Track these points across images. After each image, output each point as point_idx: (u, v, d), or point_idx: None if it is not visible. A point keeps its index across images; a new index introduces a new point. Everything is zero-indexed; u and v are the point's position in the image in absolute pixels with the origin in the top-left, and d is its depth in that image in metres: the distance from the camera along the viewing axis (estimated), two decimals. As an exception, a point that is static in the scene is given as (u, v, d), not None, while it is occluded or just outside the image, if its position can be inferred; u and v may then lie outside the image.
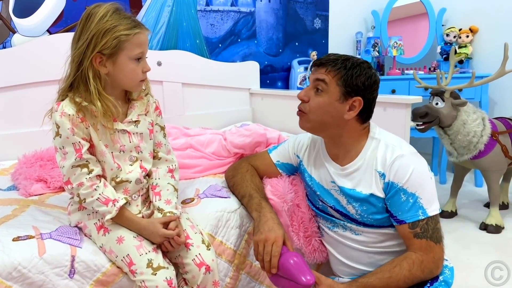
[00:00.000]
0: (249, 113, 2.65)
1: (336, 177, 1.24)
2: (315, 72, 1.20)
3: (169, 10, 2.29)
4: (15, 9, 1.83)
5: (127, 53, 1.03)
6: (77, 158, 1.04)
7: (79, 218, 1.12)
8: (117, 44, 1.01)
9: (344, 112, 1.16)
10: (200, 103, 2.44)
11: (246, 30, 2.63)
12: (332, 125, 1.18)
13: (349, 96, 1.16)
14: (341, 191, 1.23)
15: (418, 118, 2.11)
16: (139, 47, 1.04)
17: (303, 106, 1.19)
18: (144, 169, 1.16)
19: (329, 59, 1.18)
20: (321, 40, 3.06)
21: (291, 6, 2.84)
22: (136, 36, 1.03)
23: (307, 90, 1.20)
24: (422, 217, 1.10)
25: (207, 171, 1.58)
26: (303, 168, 1.37)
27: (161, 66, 2.23)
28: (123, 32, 1.01)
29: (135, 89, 1.11)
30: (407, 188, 1.11)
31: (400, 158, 1.14)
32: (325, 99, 1.16)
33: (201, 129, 1.88)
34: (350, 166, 1.22)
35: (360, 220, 1.21)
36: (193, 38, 2.41)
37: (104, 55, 1.02)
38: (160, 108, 1.24)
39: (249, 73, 2.63)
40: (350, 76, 1.15)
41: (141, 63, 1.07)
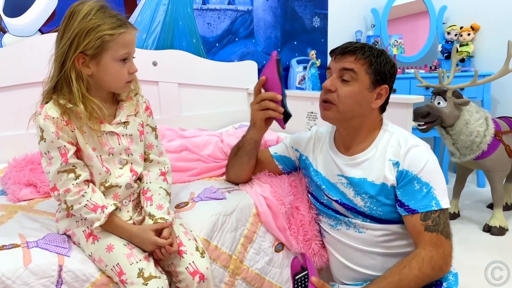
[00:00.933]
0: (247, 113, 2.56)
1: (344, 168, 1.22)
2: (339, 61, 1.17)
3: (164, 9, 2.24)
4: (6, 8, 1.78)
5: (111, 54, 0.99)
6: (63, 163, 0.99)
7: (67, 225, 1.07)
8: (100, 44, 0.96)
9: (372, 101, 1.16)
10: (197, 103, 2.39)
11: (243, 29, 2.58)
12: (359, 115, 1.17)
13: (378, 85, 1.15)
14: (349, 182, 1.21)
15: (420, 118, 2.07)
16: (124, 47, 1.00)
17: (331, 96, 1.16)
18: (135, 172, 1.11)
19: (356, 47, 1.15)
20: (320, 38, 3.01)
21: (289, 4, 2.79)
22: (121, 36, 0.98)
23: (333, 80, 1.17)
24: (436, 208, 1.08)
25: (203, 174, 1.53)
26: (308, 162, 1.35)
27: (157, 66, 2.19)
28: (107, 31, 0.96)
29: (121, 90, 1.07)
30: (421, 177, 1.10)
31: (415, 147, 1.13)
32: (355, 88, 1.14)
33: (197, 131, 1.84)
34: (361, 156, 1.20)
35: (367, 212, 1.19)
36: (189, 37, 2.36)
37: (87, 56, 0.98)
38: (150, 108, 1.19)
39: (247, 73, 2.58)
40: (379, 64, 1.14)
41: (128, 64, 1.03)
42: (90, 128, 1.02)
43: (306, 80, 2.73)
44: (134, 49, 1.04)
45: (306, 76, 2.74)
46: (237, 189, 1.39)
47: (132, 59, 1.04)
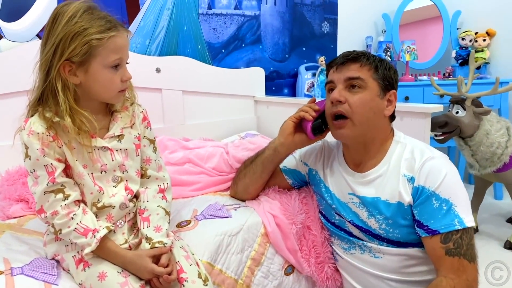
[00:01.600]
0: (253, 121, 2.50)
1: (355, 186, 1.11)
2: (342, 71, 1.08)
3: (168, 14, 2.16)
4: (2, 13, 1.70)
5: (101, 60, 0.89)
6: (50, 182, 0.89)
7: (55, 249, 0.97)
8: (88, 50, 0.86)
9: (384, 108, 1.08)
10: (201, 111, 2.29)
11: (250, 35, 2.49)
12: (374, 124, 1.07)
13: (387, 90, 1.08)
14: (361, 202, 1.10)
15: (437, 128, 1.95)
16: (115, 52, 0.89)
17: (342, 107, 1.05)
18: (130, 190, 1.01)
19: (358, 54, 1.07)
20: (329, 44, 2.91)
21: (298, 9, 2.70)
22: (111, 40, 0.88)
23: (340, 91, 1.07)
24: (459, 227, 0.96)
25: (207, 188, 1.43)
26: (318, 178, 1.24)
27: (160, 73, 2.10)
28: (95, 35, 0.86)
29: (113, 100, 0.97)
30: (439, 193, 0.98)
31: (431, 160, 1.02)
32: (366, 95, 1.05)
33: (201, 141, 1.74)
34: (372, 172, 1.10)
35: (383, 235, 1.07)
36: (194, 43, 2.27)
37: (74, 63, 0.88)
38: (148, 119, 1.09)
39: (254, 80, 2.48)
40: (384, 68, 1.07)
41: (120, 71, 0.92)
42: (79, 144, 0.93)
43: (315, 87, 2.63)
44: (127, 54, 0.94)
45: (315, 83, 2.63)
46: (243, 206, 1.29)
47: (125, 65, 0.94)
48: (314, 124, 1.15)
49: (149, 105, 1.12)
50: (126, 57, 0.94)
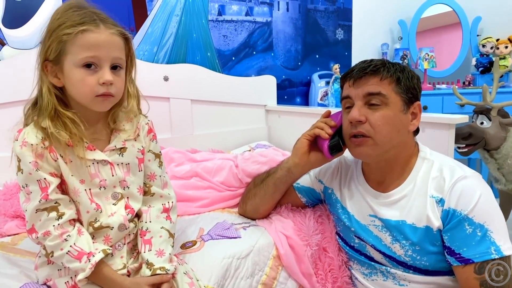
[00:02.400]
0: (264, 131, 2.40)
1: (377, 208, 1.00)
2: (361, 86, 0.96)
3: (177, 20, 2.09)
4: (5, 19, 1.65)
5: (71, 58, 0.79)
6: (42, 199, 0.81)
7: (47, 274, 0.88)
8: (59, 46, 0.79)
9: (408, 123, 0.97)
10: (210, 121, 2.21)
11: (262, 42, 2.41)
12: (398, 143, 0.96)
13: (411, 103, 0.96)
14: (384, 226, 0.99)
15: (461, 140, 1.83)
16: (86, 49, 0.79)
17: (363, 128, 0.94)
18: (131, 209, 0.91)
19: (377, 65, 0.95)
20: (343, 52, 2.82)
21: (311, 15, 2.61)
22: (81, 35, 0.78)
23: (360, 109, 0.95)
24: (496, 255, 0.85)
25: (214, 204, 1.33)
26: (334, 198, 1.14)
27: (168, 81, 2.02)
28: (65, 30, 0.78)
29: (94, 107, 0.84)
30: (473, 218, 0.87)
31: (463, 180, 0.90)
32: (388, 112, 0.94)
33: (209, 153, 1.64)
34: (396, 192, 0.98)
35: (409, 263, 0.97)
36: (203, 50, 2.19)
37: (50, 62, 0.81)
38: (154, 131, 0.99)
39: (265, 88, 2.39)
40: (407, 79, 0.95)
41: (99, 72, 0.81)
42: (76, 157, 0.84)
43: (329, 96, 2.53)
44: (106, 54, 0.81)
45: (329, 91, 2.54)
46: (254, 225, 1.19)
47: (106, 67, 0.81)
48: (331, 143, 1.04)
49: (156, 114, 1.03)
50: (105, 57, 0.81)
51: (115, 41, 0.83)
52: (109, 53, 0.81)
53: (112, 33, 0.82)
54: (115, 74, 0.83)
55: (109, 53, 0.81)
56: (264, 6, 2.39)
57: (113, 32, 0.82)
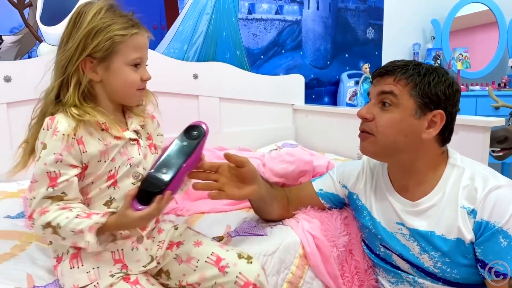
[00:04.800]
0: (291, 131, 2.40)
1: (405, 216, 0.98)
2: (378, 84, 0.96)
3: (208, 19, 2.11)
4: (43, 17, 1.70)
5: (122, 57, 0.87)
6: (50, 188, 0.80)
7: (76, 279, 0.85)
8: (110, 45, 0.85)
9: (422, 130, 0.92)
10: (238, 119, 2.22)
11: (291, 40, 2.40)
12: (405, 148, 0.93)
13: (428, 110, 0.91)
14: (412, 235, 0.97)
15: (496, 144, 1.77)
16: (136, 50, 0.89)
17: (368, 126, 0.95)
18: None
19: (396, 66, 0.93)
20: (373, 51, 2.77)
21: (341, 14, 2.58)
22: (133, 37, 0.87)
23: (369, 107, 0.96)
24: None
25: (241, 203, 1.33)
26: (360, 204, 1.12)
27: (198, 79, 2.04)
28: (118, 32, 0.85)
29: (132, 100, 0.94)
30: (508, 230, 0.84)
31: (497, 190, 0.86)
32: (396, 115, 0.92)
33: (236, 151, 1.65)
34: (425, 201, 0.95)
35: (439, 274, 0.94)
36: (233, 49, 2.21)
37: (95, 59, 0.86)
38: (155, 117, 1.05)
39: (293, 87, 2.39)
40: (427, 83, 0.90)
41: (140, 70, 0.91)
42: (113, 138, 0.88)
43: (358, 95, 2.50)
44: (146, 55, 0.93)
45: (358, 91, 2.50)
46: (280, 224, 1.18)
47: (145, 66, 0.93)
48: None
49: (185, 112, 1.06)
50: (145, 57, 0.93)
51: (148, 43, 0.94)
52: (147, 54, 0.93)
53: (147, 36, 0.92)
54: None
55: (147, 54, 0.93)
56: (294, 4, 2.37)
57: (148, 35, 0.93)
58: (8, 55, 1.65)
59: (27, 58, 1.69)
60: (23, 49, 1.68)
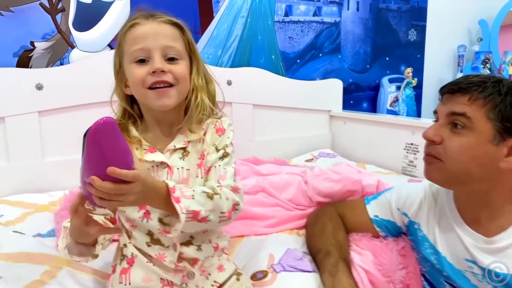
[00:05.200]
0: (328, 139, 2.28)
1: (477, 253, 0.85)
2: (448, 102, 0.84)
3: (243, 22, 2.01)
4: (75, 22, 1.65)
5: (126, 56, 0.79)
6: None
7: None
8: (118, 50, 0.81)
9: (500, 159, 0.79)
10: (272, 127, 2.12)
11: (329, 43, 2.28)
12: (479, 177, 0.81)
13: (508, 135, 0.79)
14: (486, 276, 0.84)
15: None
16: (135, 42, 0.77)
17: (435, 149, 0.83)
18: None
19: (472, 82, 0.81)
20: (415, 54, 2.61)
21: (382, 15, 2.43)
22: (130, 31, 0.78)
23: (437, 127, 0.84)
24: None
25: (282, 224, 1.23)
26: (421, 234, 0.99)
27: (231, 85, 1.95)
28: (121, 31, 0.80)
29: (149, 102, 0.78)
30: None
31: None
32: (470, 139, 0.80)
33: (275, 166, 1.54)
34: (503, 238, 0.83)
35: None
36: (268, 53, 2.10)
37: (119, 70, 0.82)
38: (224, 128, 0.84)
39: (330, 93, 2.27)
40: (509, 104, 0.78)
41: (149, 64, 0.77)
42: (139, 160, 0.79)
43: (400, 101, 2.35)
44: (155, 42, 0.76)
45: (400, 97, 2.36)
46: (328, 255, 1.07)
47: (156, 56, 0.76)
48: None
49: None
50: (155, 46, 0.76)
51: (164, 29, 0.78)
52: (156, 41, 0.76)
53: (160, 21, 0.78)
54: (172, 63, 0.78)
55: (156, 41, 0.76)
56: (333, 5, 2.25)
57: (162, 20, 0.79)
58: (40, 62, 1.60)
59: (59, 65, 1.64)
60: (55, 55, 1.63)
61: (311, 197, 1.29)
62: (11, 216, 1.34)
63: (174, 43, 0.78)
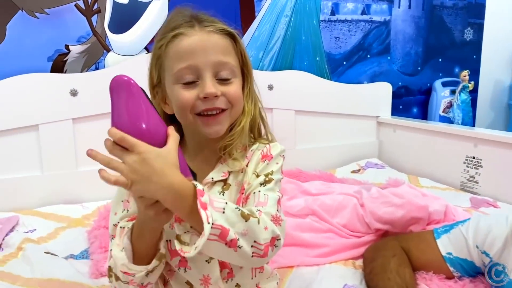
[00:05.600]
0: (375, 147, 2.11)
1: None
2: None
3: (286, 22, 1.87)
4: (111, 24, 1.55)
5: (168, 75, 0.65)
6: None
7: None
8: (157, 64, 0.67)
9: None
10: (314, 134, 1.98)
11: (378, 44, 2.11)
12: None
13: None
14: None
15: None
16: (179, 59, 0.63)
17: None
18: None
19: None
20: (471, 55, 2.38)
21: (436, 13, 2.23)
22: (172, 43, 0.64)
23: None
24: None
25: (336, 254, 1.09)
26: (507, 279, 0.84)
27: (273, 90, 1.82)
28: (159, 43, 0.66)
29: (201, 130, 0.65)
30: None
31: None
32: None
33: (323, 183, 1.40)
34: None
35: None
36: (312, 54, 1.95)
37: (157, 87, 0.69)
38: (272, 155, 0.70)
39: (378, 97, 2.09)
40: None
41: (199, 86, 0.63)
42: None
43: (454, 107, 2.16)
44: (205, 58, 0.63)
45: (454, 102, 2.16)
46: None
47: (207, 76, 0.63)
48: None
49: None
50: (205, 63, 0.63)
51: (214, 41, 0.65)
52: (207, 57, 0.63)
53: (209, 31, 0.64)
54: (225, 84, 0.65)
55: (207, 57, 0.63)
56: (383, 3, 2.07)
57: (211, 30, 0.65)
58: (75, 67, 1.53)
59: (94, 70, 1.56)
60: (90, 59, 1.55)
61: (369, 223, 1.14)
62: (43, 231, 1.28)
63: (227, 57, 0.65)
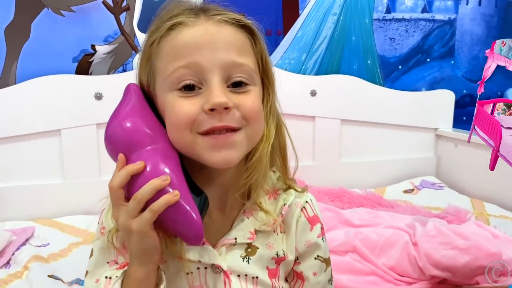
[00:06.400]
0: (432, 164, 1.87)
1: None
2: None
3: (334, 20, 1.68)
4: (141, 22, 1.44)
5: (160, 79, 0.47)
6: None
7: None
8: (148, 65, 0.49)
9: None
10: (362, 147, 1.79)
11: (440, 46, 1.90)
12: None
13: None
14: None
15: None
16: (177, 55, 0.45)
17: None
18: None
19: None
20: (553, 59, 2.05)
21: (511, 9, 1.94)
22: (168, 37, 0.46)
23: None
24: None
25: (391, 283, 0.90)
26: None
27: (316, 96, 1.64)
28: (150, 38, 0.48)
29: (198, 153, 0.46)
30: None
31: None
32: None
33: (368, 211, 1.20)
34: None
35: None
36: (363, 57, 1.76)
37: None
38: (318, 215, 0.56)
39: (439, 107, 1.86)
40: None
41: (203, 93, 0.45)
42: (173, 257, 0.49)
43: (530, 121, 1.84)
44: (212, 56, 0.45)
45: (531, 115, 1.85)
46: None
47: (215, 80, 0.45)
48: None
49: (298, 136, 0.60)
50: (212, 63, 0.45)
51: (227, 33, 0.47)
52: (215, 55, 0.45)
53: (219, 20, 0.47)
54: (238, 92, 0.47)
55: (215, 55, 0.45)
56: (448, 0, 1.82)
57: (222, 19, 0.47)
58: (101, 68, 1.44)
59: (121, 72, 1.46)
60: (117, 61, 1.45)
61: (423, 268, 0.93)
62: (56, 247, 1.20)
63: (243, 57, 0.47)
